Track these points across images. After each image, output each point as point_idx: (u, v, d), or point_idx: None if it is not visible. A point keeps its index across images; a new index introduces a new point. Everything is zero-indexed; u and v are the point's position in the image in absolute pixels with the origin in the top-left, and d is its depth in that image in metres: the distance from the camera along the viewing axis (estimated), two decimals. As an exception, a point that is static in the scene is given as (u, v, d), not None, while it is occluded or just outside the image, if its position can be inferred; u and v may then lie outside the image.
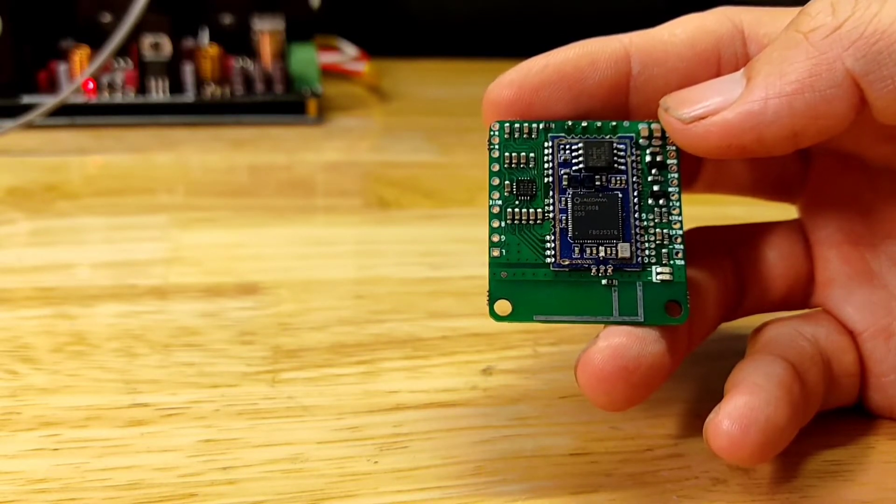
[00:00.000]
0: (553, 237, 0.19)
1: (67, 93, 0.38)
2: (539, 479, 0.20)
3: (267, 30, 0.43)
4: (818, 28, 0.18)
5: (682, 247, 0.19)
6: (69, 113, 0.41)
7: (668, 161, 0.20)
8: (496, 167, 0.20)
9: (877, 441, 0.22)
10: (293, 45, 0.46)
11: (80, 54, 0.42)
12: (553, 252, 0.19)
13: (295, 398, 0.23)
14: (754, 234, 0.23)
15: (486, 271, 0.19)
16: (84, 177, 0.38)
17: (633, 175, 0.20)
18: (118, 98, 0.42)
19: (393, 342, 0.26)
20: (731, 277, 0.22)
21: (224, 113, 0.43)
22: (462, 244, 0.32)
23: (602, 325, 0.19)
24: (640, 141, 0.20)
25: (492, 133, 0.20)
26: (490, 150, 0.20)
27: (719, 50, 0.20)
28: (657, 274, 0.19)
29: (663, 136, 0.20)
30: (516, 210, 0.20)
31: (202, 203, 0.35)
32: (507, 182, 0.20)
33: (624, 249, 0.19)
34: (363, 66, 0.50)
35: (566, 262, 0.19)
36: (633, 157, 0.20)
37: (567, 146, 0.20)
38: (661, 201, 0.20)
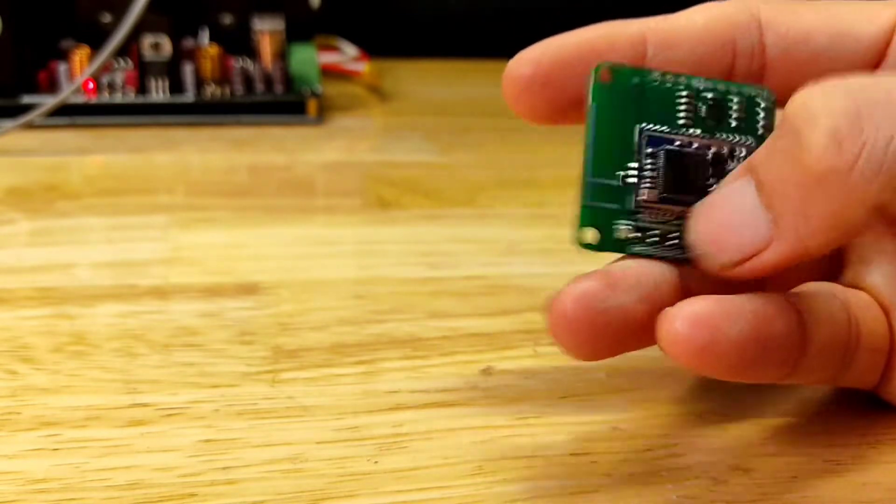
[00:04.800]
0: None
1: (67, 93, 0.38)
2: (539, 479, 0.20)
3: (267, 30, 0.43)
4: (829, 173, 0.17)
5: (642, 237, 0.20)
6: (69, 113, 0.41)
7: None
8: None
9: (877, 441, 0.22)
10: (293, 45, 0.46)
11: (80, 54, 0.42)
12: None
13: (295, 398, 0.23)
14: None
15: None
16: (84, 177, 0.38)
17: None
18: (118, 98, 0.42)
19: (393, 342, 0.26)
20: None
21: (224, 113, 0.43)
22: (462, 244, 0.32)
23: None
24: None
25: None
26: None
27: (735, 38, 0.21)
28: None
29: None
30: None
31: (202, 203, 0.35)
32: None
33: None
34: (363, 66, 0.50)
35: None
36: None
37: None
38: None
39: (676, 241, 0.20)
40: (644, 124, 0.20)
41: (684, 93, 0.20)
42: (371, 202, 0.36)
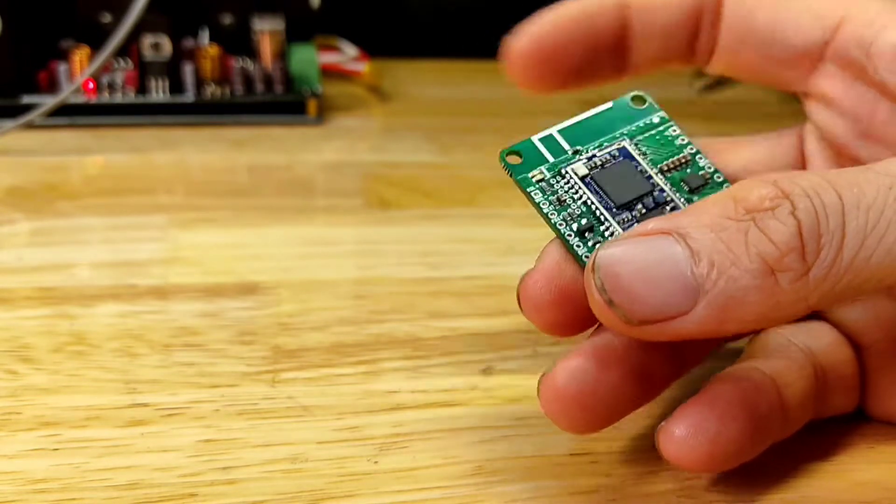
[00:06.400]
0: None
1: (67, 93, 0.38)
2: (539, 479, 0.20)
3: (267, 30, 0.43)
4: (787, 271, 0.16)
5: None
6: (69, 113, 0.41)
7: None
8: None
9: (877, 441, 0.22)
10: (293, 45, 0.46)
11: (80, 54, 0.42)
12: None
13: (295, 398, 0.23)
14: None
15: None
16: (84, 177, 0.38)
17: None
18: (118, 98, 0.42)
19: (393, 342, 0.26)
20: None
21: (224, 113, 0.43)
22: (462, 244, 0.32)
23: None
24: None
25: None
26: None
27: (701, 8, 0.21)
28: None
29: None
30: None
31: (202, 203, 0.35)
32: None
33: None
34: (363, 66, 0.50)
35: None
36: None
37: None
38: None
39: (570, 218, 0.20)
40: (629, 139, 0.21)
41: (685, 153, 0.21)
42: (371, 202, 0.36)
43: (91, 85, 0.42)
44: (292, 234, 0.33)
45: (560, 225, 0.19)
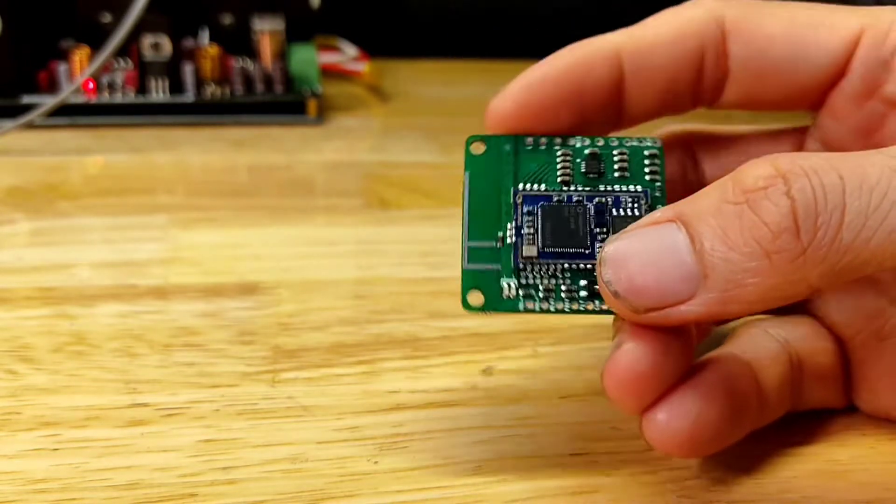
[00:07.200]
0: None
1: (67, 93, 0.38)
2: (539, 479, 0.20)
3: (267, 30, 0.43)
4: (782, 252, 0.16)
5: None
6: (69, 113, 0.41)
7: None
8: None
9: (877, 441, 0.22)
10: (293, 45, 0.46)
11: (80, 54, 0.42)
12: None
13: (295, 398, 0.23)
14: None
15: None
16: (84, 177, 0.38)
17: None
18: (118, 98, 0.42)
19: (393, 342, 0.26)
20: None
21: (224, 113, 0.43)
22: (462, 244, 0.32)
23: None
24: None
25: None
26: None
27: (703, 48, 0.21)
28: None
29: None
30: None
31: (202, 203, 0.35)
32: None
33: None
34: (363, 66, 0.50)
35: None
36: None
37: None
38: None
39: (570, 293, 0.19)
40: (520, 185, 0.20)
41: (559, 152, 0.20)
42: (371, 202, 0.36)
43: (91, 85, 0.42)
44: (292, 234, 0.33)
45: (574, 308, 0.19)
